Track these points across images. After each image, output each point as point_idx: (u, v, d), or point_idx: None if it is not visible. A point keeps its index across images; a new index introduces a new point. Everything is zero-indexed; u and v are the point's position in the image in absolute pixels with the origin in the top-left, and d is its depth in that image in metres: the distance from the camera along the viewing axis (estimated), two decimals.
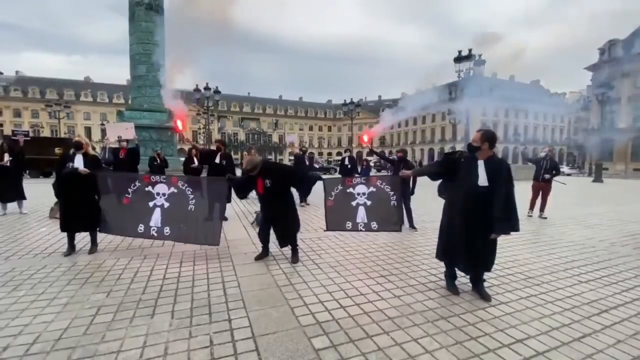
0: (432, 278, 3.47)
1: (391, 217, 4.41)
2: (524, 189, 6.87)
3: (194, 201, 4.12)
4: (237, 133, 65.84)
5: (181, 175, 5.66)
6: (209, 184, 4.49)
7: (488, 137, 2.91)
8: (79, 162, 4.09)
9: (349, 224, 4.40)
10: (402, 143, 68.09)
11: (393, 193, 4.36)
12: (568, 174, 30.17)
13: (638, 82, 32.68)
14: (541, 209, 7.16)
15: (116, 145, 7.40)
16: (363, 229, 4.40)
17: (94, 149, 5.02)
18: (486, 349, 2.20)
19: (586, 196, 11.83)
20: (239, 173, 4.52)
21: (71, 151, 4.23)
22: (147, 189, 4.15)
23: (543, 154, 7.52)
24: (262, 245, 4.07)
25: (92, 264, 3.80)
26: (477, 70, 14.18)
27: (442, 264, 3.33)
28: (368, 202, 4.38)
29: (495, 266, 3.21)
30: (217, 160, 6.27)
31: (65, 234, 4.21)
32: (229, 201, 5.74)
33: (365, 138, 5.52)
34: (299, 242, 4.27)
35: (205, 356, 2.09)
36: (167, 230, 4.08)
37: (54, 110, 30.70)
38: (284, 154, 66.95)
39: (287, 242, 4.00)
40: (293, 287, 3.19)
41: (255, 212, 6.47)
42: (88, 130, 57.21)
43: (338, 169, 12.20)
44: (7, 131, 41.71)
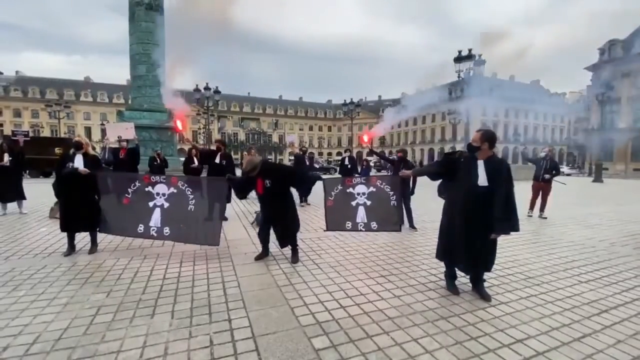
0: (432, 278, 3.47)
1: (391, 217, 4.42)
2: (524, 189, 6.87)
3: (194, 201, 4.12)
4: (237, 133, 65.85)
5: (181, 175, 5.66)
6: (209, 184, 4.49)
7: (488, 137, 2.91)
8: (79, 162, 4.10)
9: (349, 224, 4.40)
10: (402, 143, 68.11)
11: (393, 193, 4.37)
12: (568, 174, 30.17)
13: (638, 82, 32.66)
14: (541, 209, 7.16)
15: (116, 145, 7.40)
16: (363, 229, 4.41)
17: (94, 149, 5.03)
18: (486, 349, 2.20)
19: (586, 196, 11.84)
20: (239, 173, 4.52)
21: (71, 151, 4.24)
22: (147, 189, 4.15)
23: (543, 154, 7.52)
24: (262, 245, 4.07)
25: (92, 264, 3.80)
26: (477, 70, 14.17)
27: (442, 264, 3.33)
28: (368, 202, 4.39)
29: (495, 266, 3.21)
30: (217, 160, 6.27)
31: (65, 234, 4.22)
32: (229, 201, 5.74)
33: (365, 138, 5.52)
34: (299, 242, 4.27)
35: (205, 356, 2.09)
36: (167, 230, 4.08)
37: (54, 110, 30.69)
38: (284, 154, 66.97)
39: (287, 243, 4.00)
40: (293, 287, 3.19)
41: (255, 212, 6.47)
42: (88, 130, 57.24)
43: (338, 169, 12.20)
44: (7, 131, 41.70)
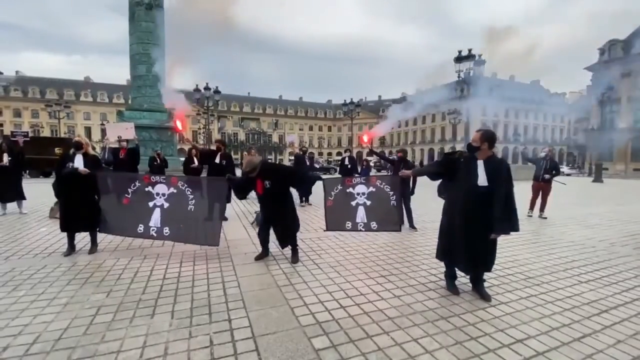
0: (432, 278, 3.47)
1: (391, 217, 4.42)
2: (524, 189, 6.87)
3: (194, 201, 4.12)
4: (237, 133, 65.84)
5: (181, 175, 5.66)
6: (209, 184, 4.49)
7: (487, 137, 2.91)
8: (79, 162, 4.10)
9: (349, 224, 4.40)
10: (402, 143, 68.14)
11: (393, 193, 4.37)
12: (568, 174, 30.19)
13: (638, 82, 32.67)
14: (541, 209, 7.16)
15: (116, 145, 7.40)
16: (363, 229, 4.41)
17: (94, 149, 5.03)
18: (486, 349, 2.20)
19: (586, 196, 11.83)
20: (239, 173, 4.52)
21: (71, 151, 4.24)
22: (147, 189, 4.15)
23: (543, 154, 7.52)
24: (262, 245, 4.07)
25: (92, 264, 3.80)
26: (477, 70, 14.16)
27: (442, 264, 3.33)
28: (368, 202, 4.38)
29: (495, 266, 3.21)
30: (217, 160, 6.27)
31: (65, 234, 4.22)
32: (229, 201, 5.74)
33: (365, 138, 5.51)
34: (299, 242, 4.27)
35: (205, 356, 2.09)
36: (167, 230, 4.08)
37: (54, 110, 30.69)
38: (284, 154, 67.00)
39: (287, 243, 4.00)
40: (293, 287, 3.19)
41: (255, 212, 6.47)
42: (88, 130, 57.27)
43: (338, 169, 12.20)
44: (8, 131, 41.72)
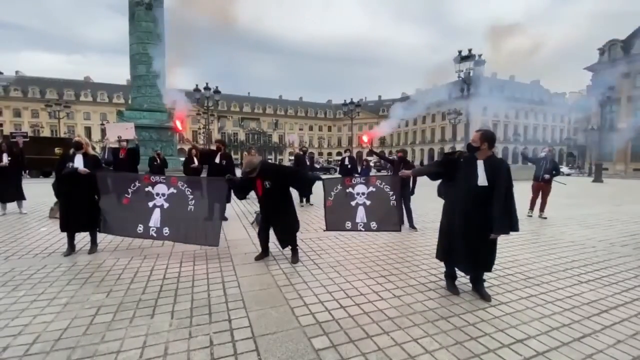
0: (432, 278, 3.47)
1: (391, 217, 4.41)
2: (524, 189, 6.87)
3: (194, 202, 4.12)
4: (237, 133, 65.81)
5: (181, 175, 5.66)
6: (209, 184, 4.49)
7: (487, 137, 2.91)
8: (79, 162, 4.10)
9: (349, 224, 4.40)
10: (402, 143, 68.15)
11: (392, 193, 4.36)
12: (568, 174, 30.19)
13: (638, 82, 32.66)
14: (541, 209, 7.16)
15: (116, 145, 7.40)
16: (362, 229, 4.40)
17: (94, 149, 5.03)
18: (486, 349, 2.20)
19: (586, 196, 11.84)
20: (239, 173, 4.52)
21: (71, 151, 4.24)
22: (147, 189, 4.15)
23: (543, 154, 7.52)
24: (262, 245, 4.07)
25: (92, 264, 3.80)
26: (477, 70, 14.15)
27: (442, 264, 3.33)
28: (367, 202, 4.38)
29: (495, 266, 3.21)
30: (217, 160, 6.27)
31: (65, 234, 4.22)
32: (229, 201, 5.74)
33: (365, 138, 5.52)
34: (299, 242, 4.27)
35: (205, 356, 2.09)
36: (167, 230, 4.08)
37: (54, 110, 30.63)
38: (284, 154, 67.00)
39: (287, 243, 4.00)
40: (293, 287, 3.19)
41: (255, 212, 6.47)
42: (88, 130, 57.25)
43: (338, 169, 12.20)
44: (7, 131, 41.72)
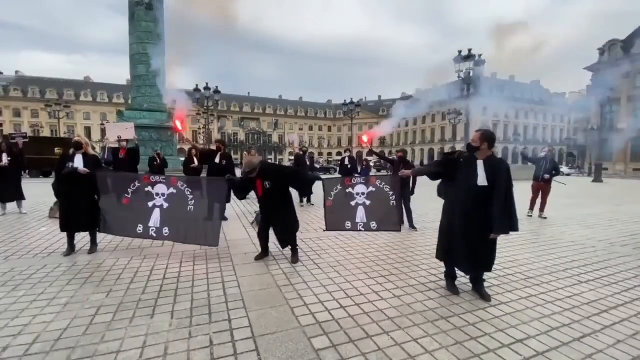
0: (432, 278, 3.47)
1: (391, 217, 4.41)
2: (524, 189, 6.87)
3: (194, 202, 4.12)
4: (237, 133, 65.80)
5: (181, 175, 5.66)
6: (209, 184, 4.49)
7: (487, 137, 2.91)
8: (79, 162, 4.10)
9: (349, 224, 4.40)
10: (402, 143, 68.15)
11: (392, 193, 4.36)
12: (568, 174, 30.20)
13: (638, 82, 32.66)
14: (541, 209, 7.16)
15: (116, 145, 7.40)
16: (362, 229, 4.40)
17: (94, 149, 5.03)
18: (486, 349, 2.20)
19: (586, 196, 11.84)
20: (239, 173, 4.52)
21: (71, 151, 4.24)
22: (147, 189, 4.15)
23: (543, 154, 7.52)
24: (262, 245, 4.07)
25: (92, 264, 3.80)
26: (477, 70, 14.15)
27: (442, 264, 3.33)
28: (367, 202, 4.38)
29: (495, 266, 3.21)
30: (217, 160, 6.27)
31: (65, 234, 4.22)
32: (229, 201, 5.74)
33: (365, 138, 5.51)
34: (299, 242, 4.27)
35: (205, 356, 2.09)
36: (166, 230, 4.08)
37: (54, 110, 30.62)
38: (284, 154, 66.99)
39: (287, 243, 4.00)
40: (293, 287, 3.19)
41: (255, 212, 6.47)
42: (88, 130, 57.26)
43: (338, 169, 12.20)
44: (7, 131, 41.71)
